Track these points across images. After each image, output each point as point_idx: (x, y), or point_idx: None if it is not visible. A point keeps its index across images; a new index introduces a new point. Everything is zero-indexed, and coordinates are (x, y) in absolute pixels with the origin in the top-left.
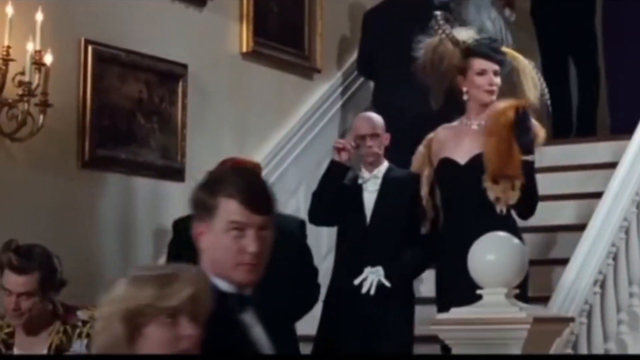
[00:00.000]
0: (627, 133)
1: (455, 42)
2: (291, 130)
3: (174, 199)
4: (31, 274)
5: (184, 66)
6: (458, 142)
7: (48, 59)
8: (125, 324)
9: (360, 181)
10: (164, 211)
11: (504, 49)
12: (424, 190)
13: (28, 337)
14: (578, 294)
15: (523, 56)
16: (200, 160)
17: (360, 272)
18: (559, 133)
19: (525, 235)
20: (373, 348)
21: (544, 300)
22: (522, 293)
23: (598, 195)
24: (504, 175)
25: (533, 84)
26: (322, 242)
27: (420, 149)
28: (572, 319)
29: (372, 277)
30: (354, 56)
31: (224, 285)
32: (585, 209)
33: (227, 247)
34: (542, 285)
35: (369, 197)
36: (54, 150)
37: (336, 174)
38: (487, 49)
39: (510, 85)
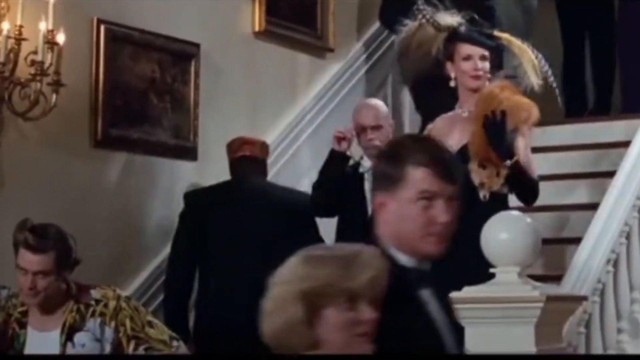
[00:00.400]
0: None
1: (437, 27)
2: (304, 110)
3: (187, 178)
4: (47, 253)
5: (197, 45)
6: (450, 132)
7: (61, 38)
8: (304, 305)
9: (361, 170)
10: (177, 190)
11: (498, 33)
12: None
13: (42, 316)
14: (591, 272)
15: (523, 41)
16: (213, 140)
17: None
18: (573, 112)
19: (538, 214)
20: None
21: (557, 279)
22: None
23: (611, 174)
24: (490, 159)
25: (533, 67)
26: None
27: None
28: (585, 298)
29: None
30: (367, 35)
31: (404, 259)
32: (598, 188)
33: (415, 217)
34: (555, 264)
35: (371, 187)
36: (67, 130)
37: (336, 163)
38: (473, 34)
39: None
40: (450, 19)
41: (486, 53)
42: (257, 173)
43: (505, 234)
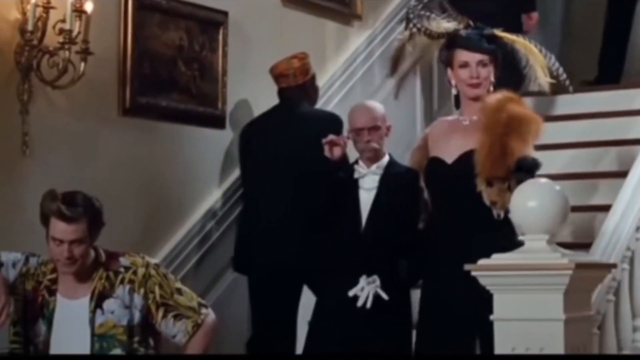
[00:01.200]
0: None
1: (430, 35)
2: (331, 78)
3: (215, 146)
4: (80, 221)
5: (225, 13)
6: (448, 139)
7: (89, 6)
8: None
9: (356, 175)
10: (205, 158)
11: (500, 33)
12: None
13: (71, 283)
14: (620, 240)
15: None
16: (241, 108)
17: (354, 282)
18: (606, 79)
19: (567, 182)
20: None
21: (586, 246)
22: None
23: None
24: (495, 176)
25: (541, 67)
26: None
27: (417, 143)
28: (614, 265)
29: (368, 289)
30: (394, 3)
31: None
32: (628, 156)
33: None
34: (584, 231)
35: (366, 196)
36: (95, 98)
37: (336, 168)
38: (470, 38)
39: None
40: (445, 24)
41: (485, 58)
42: (296, 100)
43: (534, 202)
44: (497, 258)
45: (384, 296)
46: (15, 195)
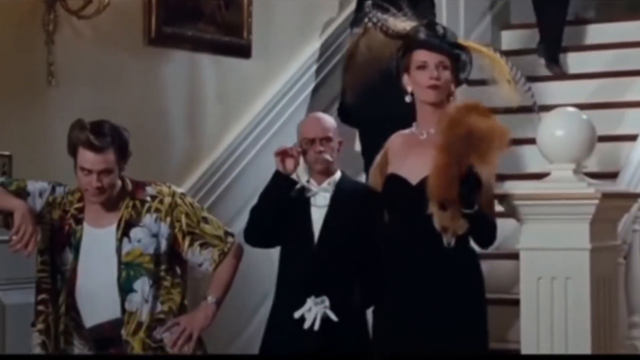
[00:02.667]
0: None
1: (387, 32)
2: None
3: (240, 76)
4: (109, 151)
5: None
6: (406, 155)
7: None
8: None
9: (307, 194)
10: (230, 88)
11: (463, 41)
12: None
13: (98, 212)
14: None
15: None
16: (266, 37)
17: (303, 303)
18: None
19: (594, 112)
20: None
21: (612, 176)
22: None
23: None
24: (450, 199)
25: (507, 80)
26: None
27: (376, 160)
28: None
29: (316, 310)
30: None
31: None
32: None
33: None
34: (610, 161)
35: (318, 214)
36: (121, 27)
37: (280, 187)
38: (429, 37)
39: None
40: (402, 24)
41: (445, 60)
42: None
43: (560, 131)
44: (524, 187)
45: (333, 318)
46: (41, 125)
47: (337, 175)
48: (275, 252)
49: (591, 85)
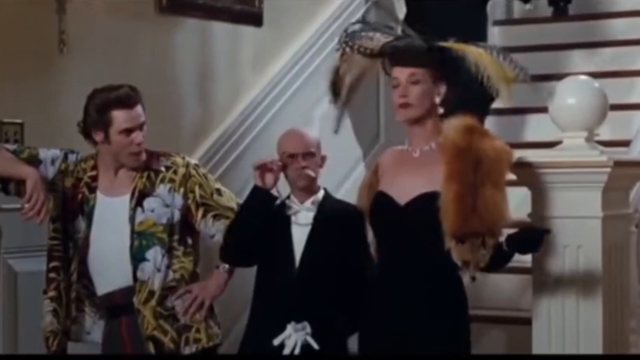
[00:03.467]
0: None
1: (365, 53)
2: None
3: (252, 44)
4: (139, 104)
5: None
6: (396, 173)
7: None
8: None
9: (289, 212)
10: (242, 56)
11: (446, 44)
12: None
13: (112, 181)
14: None
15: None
16: (278, 5)
17: (282, 329)
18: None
19: (606, 80)
20: None
21: (624, 144)
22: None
23: None
24: (469, 232)
25: (498, 72)
26: None
27: (366, 179)
28: None
29: (296, 337)
30: None
31: None
32: None
33: None
34: (622, 129)
35: (300, 233)
36: None
37: (259, 203)
38: (399, 51)
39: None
40: (383, 39)
41: (417, 73)
42: None
43: (572, 99)
44: (536, 155)
45: (314, 345)
46: (53, 93)
47: (321, 193)
48: None
49: (603, 54)
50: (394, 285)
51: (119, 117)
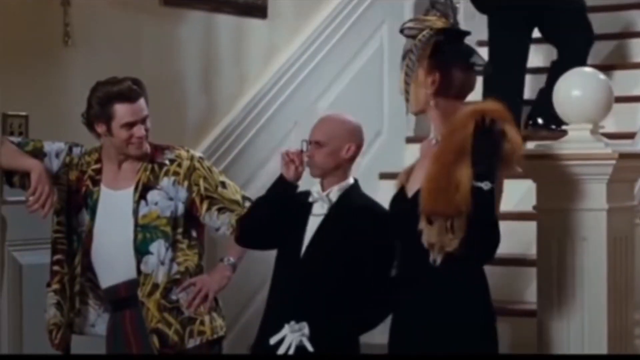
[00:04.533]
0: None
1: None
2: None
3: (256, 36)
4: (141, 98)
5: None
6: (418, 163)
7: None
8: None
9: (310, 199)
10: (246, 48)
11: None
12: None
13: (116, 174)
14: None
15: None
16: None
17: (280, 324)
18: None
19: (612, 72)
20: None
21: (629, 136)
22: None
23: None
24: (436, 212)
25: None
26: None
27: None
28: None
29: (291, 337)
30: None
31: None
32: None
33: None
34: (627, 121)
35: (313, 222)
36: None
37: (275, 192)
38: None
39: None
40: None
41: (409, 62)
42: None
43: (577, 91)
44: (541, 147)
45: (309, 348)
46: (57, 86)
47: (345, 185)
48: None
49: (609, 46)
50: (408, 281)
51: (121, 111)
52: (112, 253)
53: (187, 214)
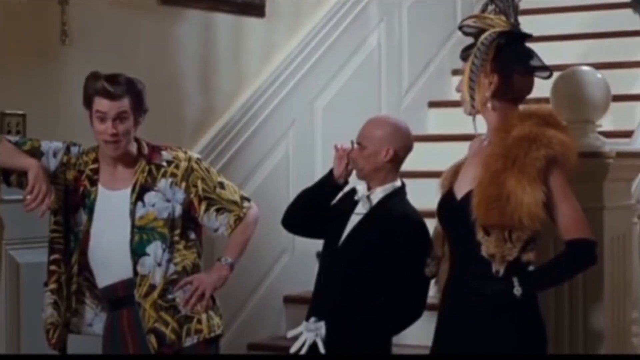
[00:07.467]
0: None
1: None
2: None
3: (254, 35)
4: (123, 98)
5: None
6: (467, 163)
7: None
8: None
9: (356, 197)
10: (244, 47)
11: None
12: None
13: (113, 174)
14: None
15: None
16: None
17: (308, 318)
18: None
19: (610, 71)
20: None
21: (626, 135)
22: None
23: None
24: (491, 224)
25: None
26: None
27: (456, 162)
28: None
29: (306, 336)
30: None
31: None
32: None
33: None
34: (625, 120)
35: (353, 221)
36: None
37: (323, 185)
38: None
39: None
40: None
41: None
42: None
43: (575, 90)
44: None
45: (321, 349)
46: (55, 85)
47: (388, 188)
48: None
49: (606, 44)
50: (451, 291)
51: (98, 103)
52: (109, 253)
53: (185, 215)
